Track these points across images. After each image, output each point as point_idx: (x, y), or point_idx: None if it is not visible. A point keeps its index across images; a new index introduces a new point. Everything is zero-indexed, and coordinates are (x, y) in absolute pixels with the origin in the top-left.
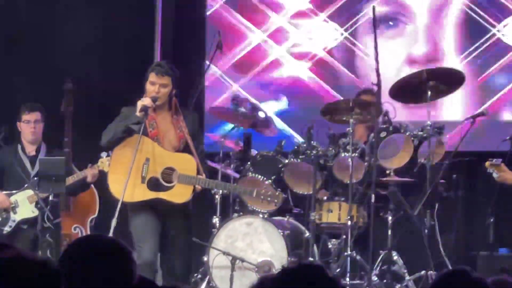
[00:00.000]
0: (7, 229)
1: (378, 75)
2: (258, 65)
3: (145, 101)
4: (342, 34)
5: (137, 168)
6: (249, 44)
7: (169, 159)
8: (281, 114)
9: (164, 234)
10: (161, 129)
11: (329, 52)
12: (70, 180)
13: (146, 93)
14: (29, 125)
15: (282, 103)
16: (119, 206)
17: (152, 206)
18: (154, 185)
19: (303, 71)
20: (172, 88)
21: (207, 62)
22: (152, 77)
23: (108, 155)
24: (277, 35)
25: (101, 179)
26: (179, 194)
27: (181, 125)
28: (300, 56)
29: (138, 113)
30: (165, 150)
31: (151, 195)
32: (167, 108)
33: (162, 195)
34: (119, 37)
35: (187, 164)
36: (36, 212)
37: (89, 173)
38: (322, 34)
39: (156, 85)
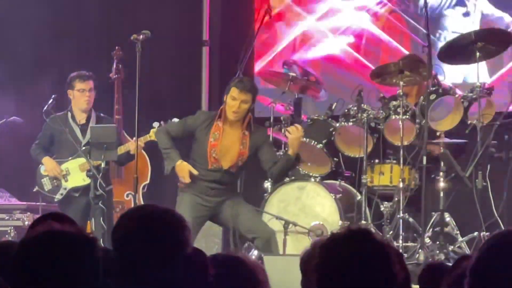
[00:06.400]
0: (58, 196)
1: (428, 36)
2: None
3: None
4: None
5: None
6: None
7: None
8: None
9: None
10: (224, 143)
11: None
12: (121, 149)
13: (224, 105)
14: (84, 94)
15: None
16: None
17: None
18: None
19: (339, 46)
20: (251, 105)
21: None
22: (234, 91)
23: (159, 124)
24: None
25: (152, 147)
26: None
27: (246, 142)
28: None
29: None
30: None
31: None
32: (241, 123)
33: None
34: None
35: None
36: (87, 180)
37: (131, 146)
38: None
39: (237, 101)
